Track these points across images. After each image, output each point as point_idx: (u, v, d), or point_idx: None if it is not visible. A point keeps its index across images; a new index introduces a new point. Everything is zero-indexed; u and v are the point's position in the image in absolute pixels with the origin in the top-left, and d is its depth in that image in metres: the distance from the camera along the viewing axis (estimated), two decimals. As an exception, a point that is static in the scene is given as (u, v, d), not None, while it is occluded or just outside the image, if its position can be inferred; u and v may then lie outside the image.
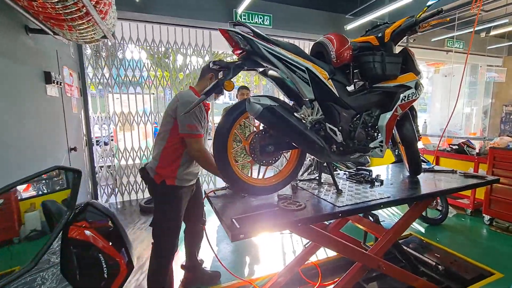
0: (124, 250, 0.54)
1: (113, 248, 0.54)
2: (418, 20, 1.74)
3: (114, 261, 0.53)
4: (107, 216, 0.56)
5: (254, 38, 1.42)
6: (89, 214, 0.57)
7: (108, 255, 0.53)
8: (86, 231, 0.53)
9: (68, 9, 1.66)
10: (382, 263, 1.79)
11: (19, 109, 2.02)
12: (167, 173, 1.82)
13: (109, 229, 0.57)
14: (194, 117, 1.76)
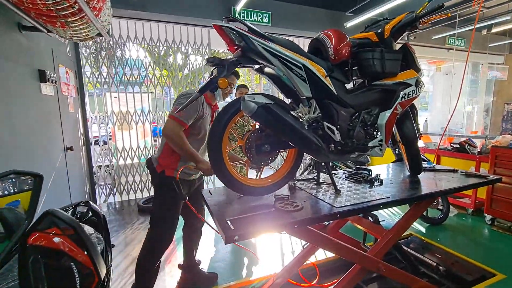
0: (94, 259, 0.50)
1: (88, 257, 0.50)
2: (419, 16, 1.70)
3: (88, 270, 0.49)
4: (70, 226, 0.52)
5: (249, 34, 1.37)
6: (46, 224, 0.52)
7: (82, 264, 0.49)
8: (55, 238, 0.49)
9: (59, 5, 1.62)
10: (382, 265, 1.76)
11: (11, 108, 1.98)
12: (168, 164, 1.88)
13: (78, 236, 0.53)
14: (180, 102, 1.78)
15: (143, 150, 4.50)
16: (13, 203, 0.60)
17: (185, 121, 1.79)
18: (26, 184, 0.63)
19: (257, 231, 1.28)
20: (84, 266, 0.49)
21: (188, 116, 1.80)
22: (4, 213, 0.56)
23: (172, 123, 1.77)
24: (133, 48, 4.27)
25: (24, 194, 0.59)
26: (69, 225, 0.51)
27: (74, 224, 0.51)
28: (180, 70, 4.73)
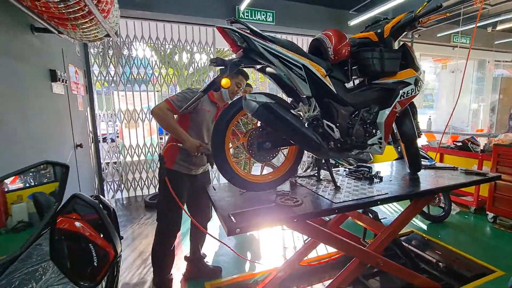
0: (113, 243, 0.57)
1: (103, 239, 0.57)
2: (418, 16, 1.73)
3: (104, 251, 0.56)
4: (91, 206, 0.59)
5: (251, 35, 1.43)
6: (77, 206, 0.60)
7: (98, 246, 0.56)
8: (77, 223, 0.56)
9: (70, 8, 1.70)
10: (381, 260, 1.80)
11: (24, 107, 2.08)
12: (168, 157, 1.96)
13: (98, 221, 0.60)
14: (180, 92, 1.93)
15: (150, 148, 4.60)
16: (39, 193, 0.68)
17: (174, 103, 1.87)
18: (55, 173, 0.70)
19: (258, 224, 1.34)
20: (100, 247, 0.56)
21: (178, 102, 1.88)
22: (38, 197, 0.64)
23: (163, 103, 1.87)
24: (139, 47, 4.35)
25: (55, 183, 0.66)
26: (92, 207, 0.59)
27: (96, 206, 0.58)
28: (185, 68, 4.80)
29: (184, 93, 1.91)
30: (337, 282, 1.77)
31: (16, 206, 0.67)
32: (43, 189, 0.69)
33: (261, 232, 3.15)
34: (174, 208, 1.97)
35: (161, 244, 2.01)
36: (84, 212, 0.61)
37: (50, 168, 0.73)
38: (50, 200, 0.64)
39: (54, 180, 0.71)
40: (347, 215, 2.33)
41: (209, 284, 2.19)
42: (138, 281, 2.27)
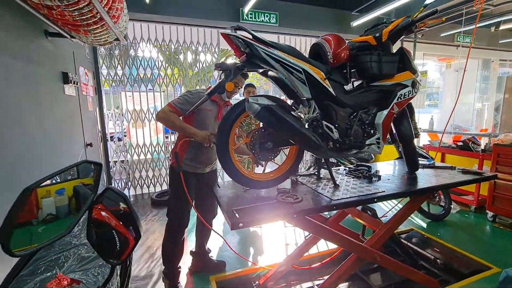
0: (132, 228, 0.66)
1: (124, 227, 0.67)
2: (414, 20, 1.80)
3: (124, 237, 0.66)
4: (121, 197, 0.69)
5: (254, 41, 1.52)
6: (107, 197, 0.70)
7: (120, 233, 0.66)
8: (103, 213, 0.66)
9: (83, 16, 1.80)
10: (377, 255, 1.88)
11: (39, 108, 2.19)
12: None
13: (120, 212, 0.70)
14: (180, 96, 2.02)
15: (156, 147, 4.72)
16: (79, 186, 0.78)
17: (176, 105, 1.95)
18: (91, 170, 0.80)
19: (260, 220, 1.44)
20: (122, 234, 0.66)
21: (180, 105, 1.96)
22: (78, 189, 0.74)
23: (165, 107, 1.96)
24: (146, 49, 4.47)
25: (89, 178, 0.76)
26: (121, 197, 0.68)
27: (124, 196, 0.68)
28: (190, 68, 4.90)
29: (184, 96, 2.00)
30: (336, 276, 1.86)
31: (45, 200, 0.77)
32: (66, 185, 0.79)
33: (263, 229, 3.25)
34: (182, 204, 2.09)
35: (171, 238, 2.12)
36: (109, 204, 0.70)
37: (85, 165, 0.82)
38: (88, 191, 0.74)
39: (86, 176, 0.81)
40: (346, 212, 2.40)
41: (213, 278, 2.29)
42: (147, 274, 2.38)
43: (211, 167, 2.23)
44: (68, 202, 0.76)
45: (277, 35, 4.82)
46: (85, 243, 1.14)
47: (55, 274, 0.95)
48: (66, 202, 0.79)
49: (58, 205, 0.81)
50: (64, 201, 0.82)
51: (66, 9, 1.63)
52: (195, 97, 1.96)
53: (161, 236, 2.49)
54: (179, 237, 2.13)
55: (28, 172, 1.97)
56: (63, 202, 0.81)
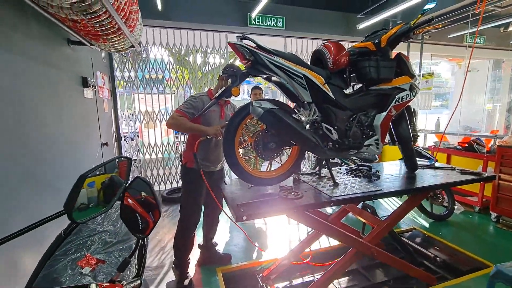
0: (151, 213, 0.82)
1: (145, 212, 0.82)
2: (412, 27, 1.89)
3: (145, 220, 0.81)
4: (147, 184, 0.85)
5: (258, 50, 1.65)
6: (136, 184, 0.86)
7: (142, 216, 0.81)
8: (129, 200, 0.81)
9: (104, 27, 1.98)
10: (374, 250, 1.98)
11: (60, 110, 2.38)
12: (188, 157, 2.22)
13: (142, 199, 0.85)
14: (185, 102, 2.16)
15: (167, 146, 4.91)
16: (114, 176, 0.94)
17: (182, 109, 2.09)
18: (123, 164, 0.96)
19: (262, 213, 1.57)
20: (143, 217, 0.80)
21: (188, 108, 2.10)
22: (114, 178, 0.89)
23: (173, 114, 2.10)
24: (158, 53, 4.67)
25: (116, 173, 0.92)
26: (147, 184, 0.84)
27: (150, 184, 0.84)
28: (199, 69, 5.06)
29: (189, 101, 2.14)
30: (336, 268, 1.97)
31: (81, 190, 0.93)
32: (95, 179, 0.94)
33: (268, 226, 3.37)
34: (195, 202, 2.26)
35: (183, 232, 2.28)
36: (136, 193, 0.86)
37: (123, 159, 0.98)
38: (121, 180, 0.89)
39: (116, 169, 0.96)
40: (347, 210, 2.51)
41: (220, 269, 2.43)
42: (158, 264, 2.55)
43: (220, 165, 2.39)
44: (97, 194, 0.91)
45: (284, 38, 4.93)
46: (107, 230, 1.31)
47: (83, 254, 1.12)
48: (95, 194, 0.94)
49: (89, 196, 0.96)
50: (94, 193, 0.97)
51: (89, 22, 1.80)
52: (199, 101, 2.13)
53: (171, 231, 2.66)
54: (190, 232, 2.29)
55: (50, 168, 2.16)
56: (93, 194, 0.97)
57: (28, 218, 1.75)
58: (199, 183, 2.21)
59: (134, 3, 2.28)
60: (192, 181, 2.23)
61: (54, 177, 2.20)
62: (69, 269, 1.05)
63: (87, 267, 1.06)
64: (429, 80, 4.80)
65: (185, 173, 2.27)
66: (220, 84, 2.24)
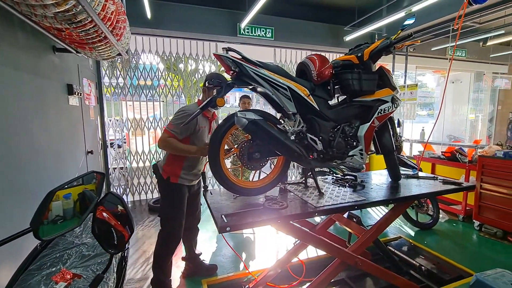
0: (127, 225, 0.80)
1: (120, 225, 0.81)
2: (392, 42, 1.95)
3: (120, 233, 0.79)
4: (119, 199, 0.83)
5: (243, 62, 1.67)
6: (108, 199, 0.84)
7: (117, 229, 0.79)
8: (104, 213, 0.79)
9: (89, 35, 1.97)
10: (359, 260, 1.99)
11: (45, 118, 2.34)
12: (172, 172, 2.15)
13: (118, 213, 0.84)
14: (175, 119, 2.07)
15: (154, 154, 4.86)
16: (86, 190, 0.92)
17: (171, 130, 2.04)
18: (94, 178, 0.94)
19: (246, 224, 1.56)
20: (118, 230, 0.79)
21: (180, 131, 2.04)
22: (86, 192, 0.87)
23: (163, 135, 2.06)
24: (147, 60, 4.65)
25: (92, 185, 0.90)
26: (119, 200, 0.82)
27: (121, 199, 0.82)
28: (189, 76, 5.06)
29: (177, 118, 2.05)
30: (321, 279, 1.96)
31: (54, 203, 0.90)
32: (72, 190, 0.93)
33: (256, 235, 3.35)
34: (178, 215, 2.17)
35: (166, 249, 2.16)
36: (109, 206, 0.84)
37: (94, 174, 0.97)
38: (93, 195, 0.87)
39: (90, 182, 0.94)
40: (333, 219, 2.52)
41: (205, 281, 2.39)
42: (142, 276, 2.48)
43: (198, 177, 2.33)
44: (73, 206, 0.89)
45: (273, 48, 5.01)
46: (86, 243, 1.27)
47: (59, 269, 1.08)
48: (71, 205, 0.92)
49: (65, 208, 0.94)
50: (70, 205, 0.95)
51: (74, 30, 1.79)
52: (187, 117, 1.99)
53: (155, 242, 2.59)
54: (173, 248, 2.18)
55: (35, 178, 2.10)
56: (69, 206, 0.95)
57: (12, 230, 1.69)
58: (184, 198, 2.20)
59: (121, 12, 2.28)
60: (176, 197, 2.17)
61: (37, 188, 2.14)
62: (43, 284, 1.02)
63: (62, 282, 1.02)
64: (413, 91, 4.95)
65: (167, 188, 2.17)
66: (205, 95, 2.23)
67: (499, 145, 3.60)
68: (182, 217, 2.20)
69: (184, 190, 2.20)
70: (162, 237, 2.18)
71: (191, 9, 4.22)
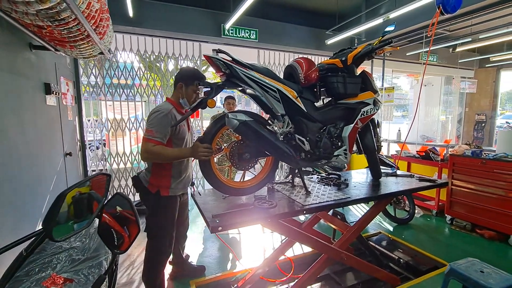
0: (131, 226, 0.81)
1: (120, 227, 0.81)
2: (374, 48, 2.06)
3: (120, 235, 0.80)
4: (126, 200, 0.84)
5: (233, 64, 1.70)
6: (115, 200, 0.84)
7: (117, 231, 0.79)
8: (104, 215, 0.79)
9: (71, 33, 1.90)
10: (344, 255, 2.08)
11: (21, 119, 2.22)
12: (162, 184, 1.92)
13: (117, 215, 0.84)
14: (153, 123, 1.81)
15: (136, 155, 4.73)
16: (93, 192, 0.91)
17: (153, 136, 1.78)
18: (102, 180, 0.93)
19: (237, 223, 1.59)
20: (119, 233, 0.79)
21: (164, 135, 1.82)
22: (92, 194, 0.86)
23: (145, 145, 1.77)
24: (127, 59, 4.53)
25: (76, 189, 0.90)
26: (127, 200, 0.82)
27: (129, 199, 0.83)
28: (171, 76, 4.98)
29: (156, 121, 1.82)
30: (309, 275, 2.03)
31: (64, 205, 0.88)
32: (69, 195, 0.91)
33: (242, 235, 3.37)
34: (170, 231, 2.00)
35: (156, 264, 1.99)
36: (109, 209, 0.84)
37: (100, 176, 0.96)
38: (100, 197, 0.86)
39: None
40: (319, 217, 2.61)
41: (194, 282, 2.38)
42: (127, 281, 2.43)
43: (189, 182, 2.18)
44: (67, 209, 0.88)
45: (257, 50, 5.06)
46: (75, 247, 1.24)
47: (49, 274, 1.05)
48: (65, 209, 0.90)
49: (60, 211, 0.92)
50: (64, 208, 0.93)
51: (56, 28, 1.73)
52: (167, 118, 1.85)
53: (141, 245, 2.54)
54: (165, 262, 2.04)
55: (11, 182, 1.99)
56: (63, 209, 0.93)
57: None
58: (176, 210, 2.03)
59: (105, 10, 2.23)
60: (169, 211, 1.97)
61: (14, 191, 2.03)
62: (33, 290, 0.99)
63: (54, 287, 1.00)
64: (390, 94, 5.21)
65: (157, 203, 1.93)
66: (181, 92, 2.01)
67: (468, 144, 3.88)
68: (173, 230, 2.02)
69: (176, 202, 2.03)
70: (151, 254, 1.98)
71: (175, 8, 4.17)
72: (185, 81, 2.00)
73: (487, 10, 3.81)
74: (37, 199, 2.40)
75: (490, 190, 3.12)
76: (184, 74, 2.04)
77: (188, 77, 2.01)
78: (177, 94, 2.04)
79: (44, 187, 2.57)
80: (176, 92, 2.05)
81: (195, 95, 2.04)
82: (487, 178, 3.12)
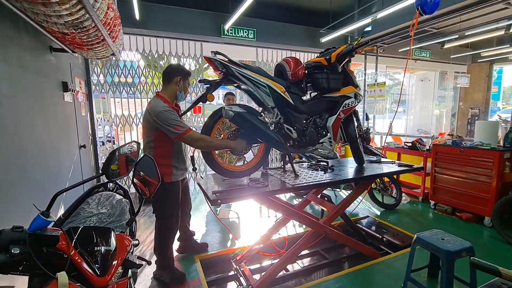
0: (147, 187, 1.13)
1: (143, 186, 1.12)
2: (354, 47, 2.34)
3: (143, 192, 1.11)
4: (151, 159, 1.17)
5: (229, 64, 2.00)
6: (142, 160, 1.17)
7: (140, 188, 1.11)
8: (135, 179, 1.11)
9: (90, 38, 2.20)
10: (328, 229, 2.38)
11: (43, 114, 2.51)
12: (163, 171, 2.04)
13: (141, 178, 1.15)
14: (173, 120, 2.00)
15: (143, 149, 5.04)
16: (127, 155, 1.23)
17: (185, 126, 2.01)
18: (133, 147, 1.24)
19: (234, 198, 1.91)
20: (149, 181, 1.11)
21: (180, 122, 2.04)
22: (128, 156, 1.18)
23: (190, 137, 1.98)
24: (130, 57, 4.81)
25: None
26: (151, 159, 1.15)
27: (152, 159, 1.16)
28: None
29: (172, 115, 2.01)
30: (298, 246, 2.33)
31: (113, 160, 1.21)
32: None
33: (241, 220, 3.68)
34: (176, 213, 2.28)
35: (167, 241, 2.27)
36: (138, 170, 1.17)
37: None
38: (133, 158, 1.19)
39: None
40: (309, 200, 2.91)
41: (198, 257, 2.69)
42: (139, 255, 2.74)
43: (186, 167, 2.42)
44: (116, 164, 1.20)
45: (255, 48, 5.33)
46: (103, 213, 1.55)
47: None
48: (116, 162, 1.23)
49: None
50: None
51: (78, 34, 2.03)
52: (173, 110, 2.07)
53: (146, 230, 2.86)
54: (173, 239, 2.34)
55: (39, 168, 2.31)
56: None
57: (23, 215, 1.91)
58: (179, 194, 2.29)
59: (117, 17, 2.52)
60: (172, 195, 2.23)
61: (42, 175, 2.35)
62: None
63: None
64: (382, 89, 5.46)
65: (162, 189, 1.94)
66: (179, 86, 2.20)
67: (450, 135, 4.15)
68: (179, 211, 2.30)
69: (179, 186, 2.30)
70: (162, 232, 2.27)
71: (178, 11, 4.45)
72: (182, 75, 2.23)
73: (471, 8, 4.05)
74: (60, 185, 2.72)
75: (467, 176, 3.39)
76: (180, 69, 2.25)
77: (185, 72, 2.27)
78: (173, 88, 2.20)
79: (64, 175, 2.89)
80: (172, 87, 2.20)
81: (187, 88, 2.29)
82: (465, 165, 3.40)
